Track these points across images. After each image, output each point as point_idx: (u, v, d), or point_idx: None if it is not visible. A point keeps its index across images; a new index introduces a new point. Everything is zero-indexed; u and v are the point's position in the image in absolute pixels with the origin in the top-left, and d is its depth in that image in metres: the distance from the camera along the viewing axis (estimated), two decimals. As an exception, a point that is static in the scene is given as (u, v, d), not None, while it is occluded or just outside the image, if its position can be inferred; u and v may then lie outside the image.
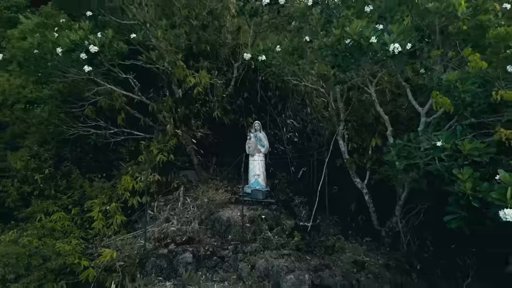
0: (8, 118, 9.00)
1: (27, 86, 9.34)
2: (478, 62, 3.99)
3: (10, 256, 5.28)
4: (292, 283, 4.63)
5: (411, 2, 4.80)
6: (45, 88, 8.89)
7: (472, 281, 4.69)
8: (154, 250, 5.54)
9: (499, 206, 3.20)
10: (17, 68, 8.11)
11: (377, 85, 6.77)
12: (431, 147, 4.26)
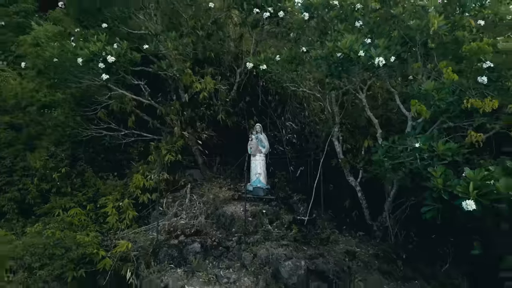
0: (22, 120, 9.60)
1: (41, 90, 9.95)
2: (451, 74, 4.58)
3: (36, 246, 5.86)
4: (290, 268, 5.22)
5: (396, 19, 5.39)
6: (58, 93, 9.50)
7: (449, 267, 5.29)
8: (166, 241, 6.13)
9: (463, 198, 3.81)
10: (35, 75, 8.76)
11: (369, 91, 7.39)
12: (412, 148, 4.85)
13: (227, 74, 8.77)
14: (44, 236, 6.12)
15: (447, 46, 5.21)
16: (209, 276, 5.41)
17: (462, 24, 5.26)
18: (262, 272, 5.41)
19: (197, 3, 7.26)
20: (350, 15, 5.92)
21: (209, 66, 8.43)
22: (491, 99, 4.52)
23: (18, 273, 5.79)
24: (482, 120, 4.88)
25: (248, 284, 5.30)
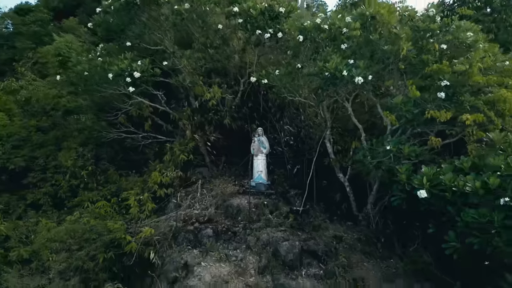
0: (46, 124, 10.76)
1: (63, 97, 11.12)
2: (414, 91, 5.76)
3: (76, 231, 7.03)
4: (287, 248, 6.40)
5: (374, 44, 6.56)
6: (80, 99, 10.66)
7: (418, 247, 6.48)
8: (183, 227, 7.29)
9: (419, 188, 5.00)
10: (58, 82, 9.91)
11: (357, 99, 8.52)
12: (385, 150, 6.03)
13: (232, 83, 9.90)
14: (81, 223, 7.27)
15: (415, 66, 6.40)
16: (220, 255, 6.58)
17: (428, 48, 6.44)
18: (264, 251, 6.58)
19: (208, 24, 8.42)
20: (337, 38, 7.09)
21: (217, 76, 9.58)
22: (446, 111, 5.71)
23: (61, 253, 6.97)
24: (440, 128, 6.05)
25: (252, 261, 6.48)
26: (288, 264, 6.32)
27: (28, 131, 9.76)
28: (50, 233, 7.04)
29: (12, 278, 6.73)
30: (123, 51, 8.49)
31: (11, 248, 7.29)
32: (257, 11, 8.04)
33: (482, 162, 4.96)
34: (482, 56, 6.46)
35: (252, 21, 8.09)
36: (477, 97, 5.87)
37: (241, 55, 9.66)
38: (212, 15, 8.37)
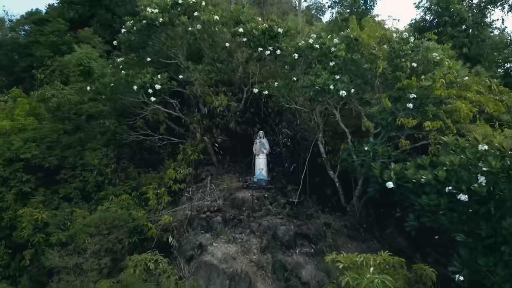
0: (70, 127, 12.09)
1: (85, 103, 12.44)
2: (387, 102, 7.10)
3: (107, 219, 8.36)
4: (284, 231, 7.75)
5: (356, 62, 7.91)
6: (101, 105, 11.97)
7: (392, 231, 7.83)
8: (196, 216, 8.63)
9: (388, 181, 6.34)
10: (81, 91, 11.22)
11: (346, 106, 9.84)
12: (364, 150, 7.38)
13: (236, 92, 11.22)
14: (110, 212, 8.60)
15: (390, 81, 7.74)
16: (228, 238, 7.92)
17: (401, 66, 7.79)
18: (264, 235, 7.92)
19: (216, 42, 9.77)
20: (327, 56, 8.43)
21: (223, 86, 10.90)
22: (413, 118, 7.06)
23: (94, 237, 8.28)
24: (409, 132, 7.40)
25: (255, 242, 7.82)
26: (284, 244, 7.67)
27: (57, 134, 11.09)
28: (85, 220, 8.35)
29: (54, 257, 8.04)
30: (144, 65, 9.86)
31: (51, 233, 8.62)
32: (259, 31, 9.40)
33: (437, 160, 6.30)
34: (446, 73, 7.81)
35: (255, 40, 9.45)
36: (438, 107, 7.22)
37: (244, 68, 10.99)
38: (220, 35, 9.71)
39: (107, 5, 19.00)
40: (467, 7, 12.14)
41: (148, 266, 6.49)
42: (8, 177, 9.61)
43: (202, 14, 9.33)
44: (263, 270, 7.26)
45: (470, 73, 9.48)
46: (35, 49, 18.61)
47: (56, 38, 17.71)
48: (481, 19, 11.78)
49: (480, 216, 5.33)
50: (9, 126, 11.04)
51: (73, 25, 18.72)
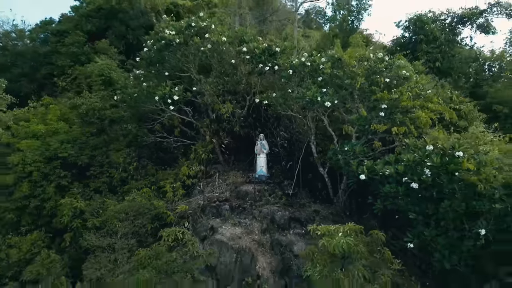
0: (94, 130, 13.85)
1: (108, 109, 14.20)
2: (363, 112, 8.85)
3: (133, 207, 10.09)
4: (280, 216, 9.49)
5: (339, 78, 9.66)
6: (121, 111, 13.71)
7: (368, 215, 9.54)
8: (208, 205, 10.37)
9: (362, 174, 8.08)
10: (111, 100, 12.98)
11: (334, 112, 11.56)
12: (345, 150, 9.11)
13: (240, 100, 12.98)
14: (136, 202, 10.35)
15: (367, 94, 9.48)
16: (235, 222, 9.65)
17: (376, 81, 9.53)
18: (264, 220, 9.66)
19: (223, 59, 11.54)
20: (316, 72, 10.18)
21: (229, 95, 12.67)
22: (384, 124, 8.80)
23: (124, 222, 10.02)
24: (381, 136, 9.14)
25: (256, 226, 9.55)
26: (280, 227, 9.41)
27: (86, 136, 12.86)
28: (115, 208, 10.09)
29: (90, 239, 9.79)
30: (161, 78, 11.64)
31: (87, 219, 10.36)
32: (260, 50, 11.17)
33: (399, 158, 8.03)
34: (413, 87, 9.55)
35: (256, 57, 11.22)
36: (405, 115, 8.97)
37: (247, 80, 12.74)
38: (227, 52, 11.48)
39: (121, 18, 20.78)
40: (440, 26, 13.91)
41: (177, 236, 8.22)
42: (48, 173, 11.38)
43: (211, 35, 11.10)
44: (263, 247, 8.99)
45: (436, 85, 11.22)
46: (56, 58, 20.43)
47: (76, 49, 19.51)
48: (451, 37, 13.54)
49: (427, 200, 7.09)
50: (44, 130, 12.79)
51: (91, 37, 20.53)
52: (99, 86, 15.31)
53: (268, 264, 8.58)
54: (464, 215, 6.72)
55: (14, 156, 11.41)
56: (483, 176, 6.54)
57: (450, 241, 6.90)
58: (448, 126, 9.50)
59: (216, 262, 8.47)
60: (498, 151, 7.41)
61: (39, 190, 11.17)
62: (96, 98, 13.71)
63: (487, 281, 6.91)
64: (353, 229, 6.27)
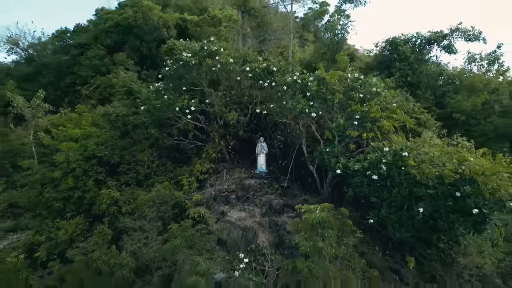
0: (119, 133, 16.35)
1: (130, 115, 16.73)
2: (341, 121, 11.38)
3: (159, 196, 12.61)
4: (276, 203, 12.03)
5: (323, 94, 12.19)
6: (143, 117, 16.23)
7: (346, 202, 12.05)
8: (218, 195, 12.91)
9: (338, 169, 10.64)
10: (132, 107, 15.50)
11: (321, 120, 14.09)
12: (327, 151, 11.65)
13: (243, 109, 15.52)
14: (160, 192, 12.87)
15: (344, 107, 12.01)
16: (240, 208, 12.18)
17: (352, 96, 12.06)
18: (263, 206, 12.19)
19: (230, 76, 14.08)
20: (306, 88, 12.71)
21: (234, 105, 15.20)
22: (356, 131, 11.33)
23: (151, 208, 12.54)
24: (355, 139, 11.67)
25: (257, 211, 12.07)
26: (276, 211, 11.93)
27: (114, 139, 15.39)
28: (144, 197, 12.62)
29: (125, 221, 12.30)
30: (178, 90, 14.16)
31: (121, 206, 12.89)
32: (260, 69, 13.71)
33: (367, 157, 10.55)
34: (382, 100, 12.07)
35: (257, 75, 13.76)
36: (373, 124, 11.49)
37: (249, 93, 15.28)
38: (233, 71, 14.02)
39: (136, 33, 23.33)
40: (410, 47, 16.45)
41: (201, 213, 10.75)
42: (87, 169, 13.93)
43: (221, 57, 13.63)
44: (262, 226, 11.51)
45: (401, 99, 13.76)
46: (78, 69, 22.99)
47: (97, 61, 22.06)
48: (420, 56, 16.04)
49: (383, 188, 9.62)
50: (80, 134, 15.32)
51: (110, 50, 23.08)
52: (122, 95, 17.87)
53: (266, 239, 11.10)
54: (408, 199, 9.25)
55: (59, 156, 13.95)
56: (422, 170, 9.07)
57: (399, 217, 9.44)
58: (408, 132, 12.02)
59: (226, 237, 11.00)
60: (439, 152, 9.93)
61: (80, 183, 13.71)
62: (121, 106, 16.22)
63: (427, 246, 9.47)
64: (327, 207, 8.79)
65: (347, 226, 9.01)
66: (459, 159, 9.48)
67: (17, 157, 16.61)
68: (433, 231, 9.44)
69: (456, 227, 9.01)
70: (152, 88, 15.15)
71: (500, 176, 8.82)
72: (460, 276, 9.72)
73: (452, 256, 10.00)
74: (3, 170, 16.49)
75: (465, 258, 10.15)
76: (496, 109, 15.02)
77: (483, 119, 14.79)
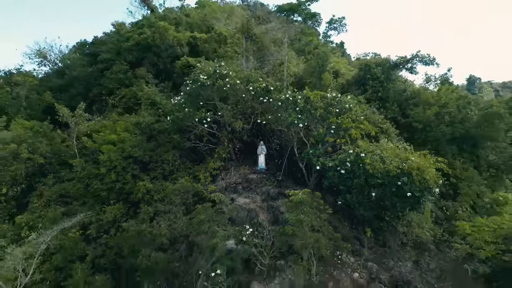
0: (145, 138, 20.24)
1: (154, 123, 20.60)
2: (320, 130, 15.26)
3: (181, 188, 16.46)
4: (273, 192, 15.89)
5: (308, 109, 16.08)
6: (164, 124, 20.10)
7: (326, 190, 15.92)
8: (228, 186, 16.78)
9: (319, 165, 14.56)
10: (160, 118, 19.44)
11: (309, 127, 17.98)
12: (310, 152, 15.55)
13: (247, 118, 19.38)
14: (183, 184, 16.71)
15: (325, 119, 15.87)
16: (245, 196, 16.05)
17: (330, 111, 15.93)
18: (263, 194, 16.07)
19: (237, 94, 17.95)
20: (295, 104, 16.57)
21: (239, 115, 19.06)
22: (332, 137, 15.22)
23: (177, 196, 16.38)
24: (332, 144, 15.53)
25: (258, 198, 15.95)
26: (273, 198, 15.80)
27: (143, 142, 19.25)
28: (172, 187, 16.47)
29: (157, 206, 16.14)
30: (196, 104, 18.02)
31: (153, 195, 16.75)
32: (260, 88, 17.59)
33: (339, 157, 14.41)
34: (352, 114, 15.94)
35: (258, 93, 17.63)
36: (345, 132, 15.36)
37: (252, 106, 19.13)
38: (239, 89, 17.88)
39: (154, 50, 27.18)
40: (381, 69, 20.31)
41: (220, 198, 14.63)
42: (125, 167, 17.81)
43: (230, 79, 17.49)
44: (262, 209, 15.40)
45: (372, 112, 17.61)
46: (104, 81, 26.84)
47: (122, 75, 25.90)
48: (389, 76, 19.87)
49: (348, 179, 13.50)
50: (116, 138, 19.18)
51: (131, 65, 26.91)
52: (147, 106, 21.75)
53: (265, 218, 14.98)
54: (365, 186, 13.12)
55: (103, 156, 17.82)
56: (374, 166, 12.92)
57: (358, 200, 13.32)
58: (372, 138, 15.87)
59: (235, 216, 14.87)
60: (390, 153, 13.79)
61: (120, 177, 17.58)
62: (148, 116, 20.09)
63: (379, 221, 13.37)
64: (306, 192, 12.67)
65: (320, 205, 12.87)
66: (403, 158, 13.35)
67: (63, 157, 20.48)
68: (383, 209, 13.32)
69: (398, 206, 12.90)
70: (173, 101, 18.99)
71: (428, 170, 12.69)
72: (403, 242, 13.61)
73: (396, 228, 13.90)
74: (52, 167, 20.35)
75: (408, 229, 14.05)
76: (446, 120, 18.88)
77: (435, 127, 18.65)
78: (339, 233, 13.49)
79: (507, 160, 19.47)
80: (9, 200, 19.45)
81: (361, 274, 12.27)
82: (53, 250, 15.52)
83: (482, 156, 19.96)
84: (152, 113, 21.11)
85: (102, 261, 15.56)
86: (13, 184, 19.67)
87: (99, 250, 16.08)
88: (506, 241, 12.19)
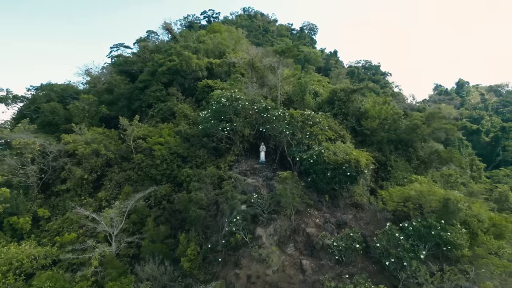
0: (181, 139, 29.20)
1: (188, 129, 29.58)
2: (300, 136, 24.21)
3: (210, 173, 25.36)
4: (270, 175, 24.78)
5: (294, 123, 25.04)
6: (195, 130, 29.06)
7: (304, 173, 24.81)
8: (242, 171, 25.69)
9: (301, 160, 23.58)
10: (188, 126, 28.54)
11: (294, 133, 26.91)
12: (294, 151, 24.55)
13: (252, 126, 28.27)
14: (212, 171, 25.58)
15: (303, 128, 24.77)
16: (252, 178, 24.96)
17: (307, 123, 24.86)
18: (264, 177, 24.97)
19: (246, 112, 26.85)
20: (284, 118, 25.47)
21: (247, 125, 27.96)
22: (308, 141, 24.15)
23: (207, 179, 25.29)
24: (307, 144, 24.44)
25: (261, 179, 24.85)
26: (269, 179, 24.70)
27: (182, 143, 28.15)
28: (205, 172, 25.33)
29: (194, 185, 25.03)
30: (218, 117, 26.93)
31: (191, 178, 25.66)
32: (262, 108, 26.54)
33: (309, 153, 23.31)
34: (320, 125, 24.86)
35: (260, 110, 26.56)
36: (315, 137, 24.30)
37: (255, 119, 28.00)
38: (247, 108, 26.79)
39: (181, 73, 36.09)
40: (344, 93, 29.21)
41: (236, 177, 23.55)
42: (172, 159, 26.75)
43: (241, 101, 26.39)
44: (263, 185, 24.28)
45: (335, 123, 26.47)
46: (144, 97, 35.78)
47: (158, 93, 34.81)
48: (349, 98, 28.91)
49: (315, 165, 22.46)
50: (162, 140, 28.10)
51: (165, 85, 35.79)
52: (181, 117, 30.70)
53: (265, 190, 23.88)
54: (324, 170, 22.00)
55: (157, 152, 26.75)
56: (329, 158, 21.80)
57: (320, 178, 22.25)
58: (332, 141, 24.70)
59: (246, 190, 23.78)
60: (341, 150, 22.67)
61: (169, 166, 26.51)
62: (185, 125, 29.01)
63: (333, 191, 22.40)
64: (290, 173, 21.59)
65: (297, 181, 21.79)
66: (348, 153, 22.25)
67: (123, 153, 29.44)
68: (335, 183, 22.24)
69: (343, 182, 21.82)
70: (201, 114, 27.91)
71: (361, 160, 21.59)
72: (347, 203, 22.54)
73: (342, 194, 22.77)
74: (116, 161, 29.28)
75: (353, 197, 22.97)
76: (385, 128, 27.74)
77: (378, 133, 27.44)
78: (309, 198, 22.39)
79: (428, 155, 28.35)
80: (89, 183, 28.41)
81: (320, 220, 21.23)
82: (130, 211, 24.48)
83: (413, 152, 28.79)
84: (185, 123, 30.06)
85: (161, 218, 24.54)
86: (91, 172, 28.63)
87: (158, 212, 25.04)
88: (404, 200, 20.97)
